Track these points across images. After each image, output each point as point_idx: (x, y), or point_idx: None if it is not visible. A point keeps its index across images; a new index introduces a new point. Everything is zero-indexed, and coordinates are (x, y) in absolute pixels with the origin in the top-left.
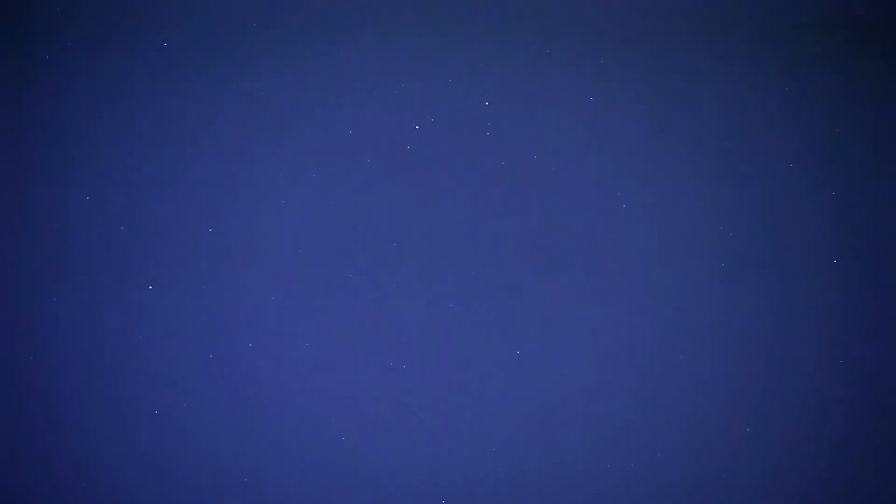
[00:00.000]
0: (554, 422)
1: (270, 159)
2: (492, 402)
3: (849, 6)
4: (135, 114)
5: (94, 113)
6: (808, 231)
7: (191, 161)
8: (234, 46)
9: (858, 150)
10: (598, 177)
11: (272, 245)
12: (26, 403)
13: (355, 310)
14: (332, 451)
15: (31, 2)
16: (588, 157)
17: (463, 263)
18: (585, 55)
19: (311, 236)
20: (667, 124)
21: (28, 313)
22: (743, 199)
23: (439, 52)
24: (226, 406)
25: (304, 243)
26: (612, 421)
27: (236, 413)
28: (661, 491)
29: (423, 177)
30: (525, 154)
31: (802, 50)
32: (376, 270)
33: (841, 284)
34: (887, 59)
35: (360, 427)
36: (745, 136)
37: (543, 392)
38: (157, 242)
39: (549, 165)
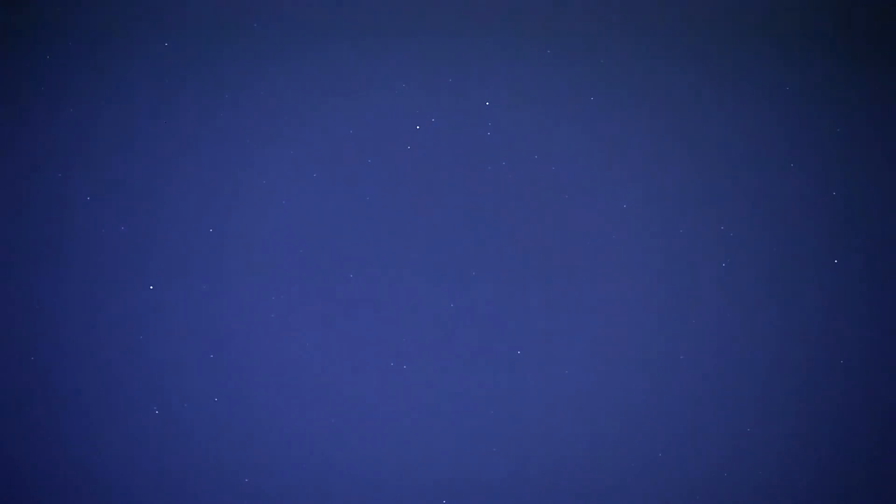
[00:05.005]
0: (554, 422)
1: (271, 159)
2: (492, 401)
3: (849, 6)
4: (135, 114)
5: (94, 113)
6: (808, 231)
7: (191, 161)
8: (234, 47)
9: (858, 150)
10: (599, 177)
11: (272, 245)
12: (26, 403)
13: (356, 310)
14: (332, 451)
15: (31, 2)
16: (588, 157)
17: (463, 263)
18: (585, 55)
19: (312, 236)
20: (667, 124)
21: (28, 313)
22: (743, 199)
23: (439, 51)
24: (226, 406)
25: (305, 243)
26: (612, 421)
27: (236, 413)
28: (661, 491)
29: (424, 177)
30: (525, 154)
31: (802, 50)
32: (377, 270)
33: (841, 284)
34: (887, 59)
35: (360, 427)
36: (745, 136)
37: (544, 392)
38: (157, 242)
39: (550, 165)
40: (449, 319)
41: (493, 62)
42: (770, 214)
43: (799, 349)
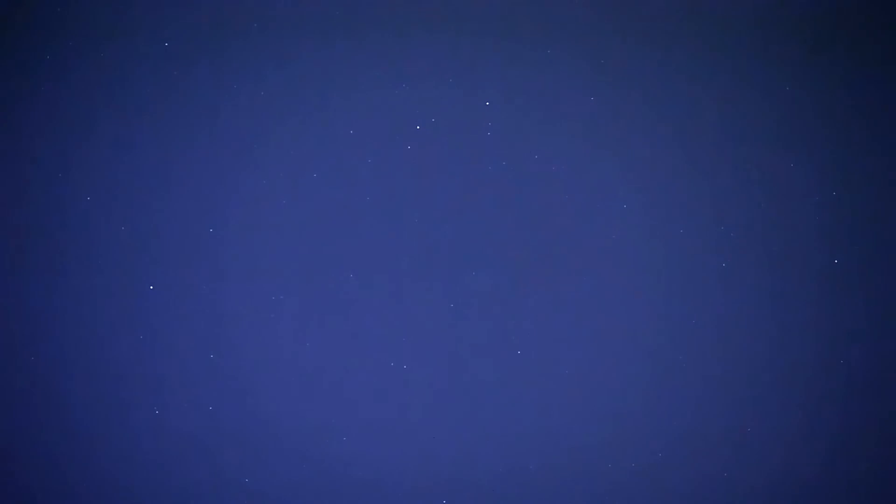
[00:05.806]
0: (554, 422)
1: (271, 159)
2: (492, 401)
3: (848, 6)
4: (135, 114)
5: (94, 113)
6: (808, 231)
7: (191, 161)
8: (234, 46)
9: (858, 150)
10: (599, 177)
11: (273, 245)
12: (27, 403)
13: (356, 310)
14: (333, 452)
15: (31, 2)
16: (588, 157)
17: (463, 263)
18: (585, 55)
19: (312, 236)
20: (667, 124)
21: (28, 313)
22: (743, 199)
23: (439, 51)
24: (226, 406)
25: (305, 243)
26: (612, 421)
27: (236, 413)
28: (661, 491)
29: (424, 177)
30: (525, 154)
31: (802, 50)
32: (377, 270)
33: (841, 284)
34: (887, 58)
35: (360, 427)
36: (745, 135)
37: (543, 392)
38: (157, 242)
39: (550, 165)
40: (449, 319)
41: (493, 62)
42: (770, 214)
43: (799, 349)
